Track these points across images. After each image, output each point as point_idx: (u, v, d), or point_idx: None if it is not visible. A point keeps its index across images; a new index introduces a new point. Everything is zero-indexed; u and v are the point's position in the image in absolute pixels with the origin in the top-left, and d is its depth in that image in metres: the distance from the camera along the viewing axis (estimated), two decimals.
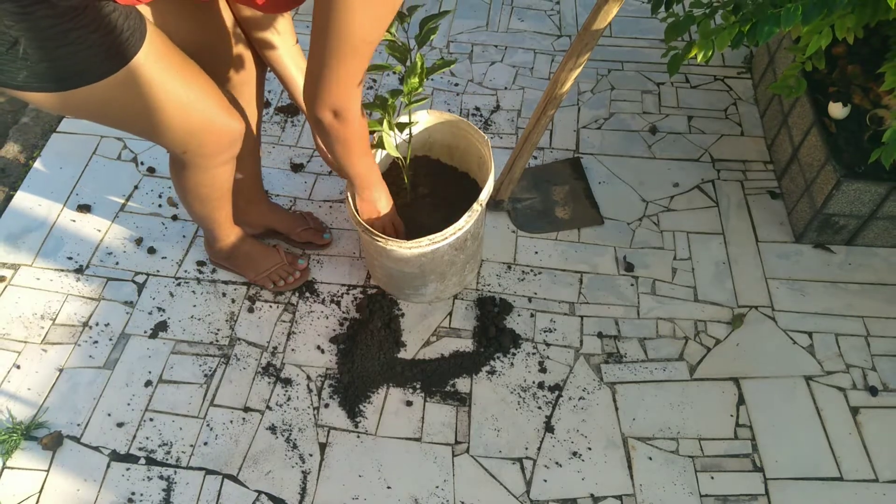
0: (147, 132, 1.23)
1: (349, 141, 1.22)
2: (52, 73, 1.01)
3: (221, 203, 1.49)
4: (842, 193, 1.65)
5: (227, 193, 1.47)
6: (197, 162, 1.32)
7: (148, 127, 1.21)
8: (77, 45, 0.99)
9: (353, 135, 1.21)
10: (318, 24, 1.01)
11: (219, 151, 1.32)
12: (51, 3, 0.95)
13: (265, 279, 1.68)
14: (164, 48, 1.12)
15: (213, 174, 1.37)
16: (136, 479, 1.43)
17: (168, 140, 1.25)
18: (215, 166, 1.35)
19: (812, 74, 1.79)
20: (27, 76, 1.00)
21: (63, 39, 0.98)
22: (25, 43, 0.96)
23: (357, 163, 1.32)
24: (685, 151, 2.01)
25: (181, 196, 1.46)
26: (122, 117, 1.17)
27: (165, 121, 1.18)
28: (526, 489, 1.43)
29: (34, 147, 2.02)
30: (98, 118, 1.16)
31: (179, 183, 1.41)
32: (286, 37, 1.34)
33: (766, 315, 1.67)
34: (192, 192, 1.42)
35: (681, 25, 1.38)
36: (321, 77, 1.07)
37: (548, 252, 1.79)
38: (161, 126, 1.20)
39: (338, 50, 1.02)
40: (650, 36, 2.34)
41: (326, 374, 1.58)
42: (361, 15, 0.97)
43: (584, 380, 1.57)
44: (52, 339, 1.63)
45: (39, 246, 1.79)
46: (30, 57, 0.98)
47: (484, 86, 2.19)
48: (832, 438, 1.49)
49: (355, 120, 1.17)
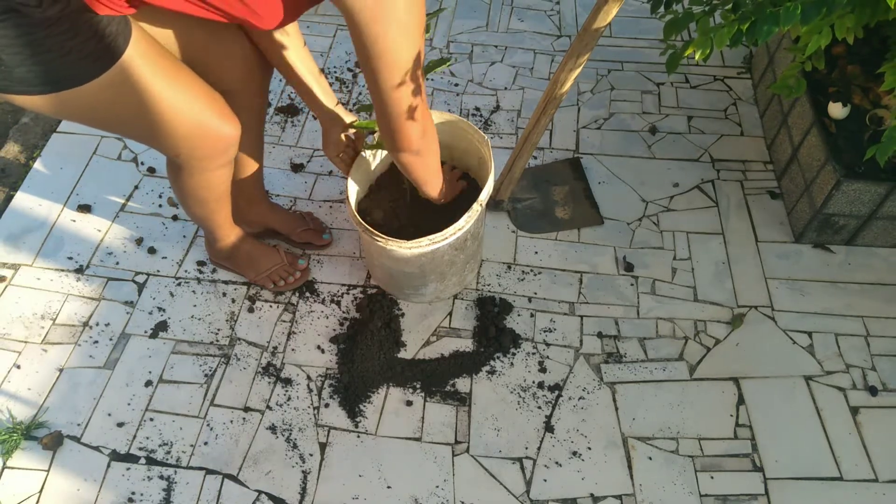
0: (137, 135, 1.23)
1: (436, 150, 1.28)
2: (32, 77, 1.01)
3: (220, 205, 1.49)
4: (841, 193, 1.65)
5: (224, 196, 1.47)
6: (192, 165, 1.32)
7: (137, 131, 1.21)
8: (55, 52, 0.99)
9: (436, 141, 1.26)
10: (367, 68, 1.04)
11: (212, 156, 1.31)
12: (23, 14, 0.94)
13: (265, 279, 1.68)
14: (150, 52, 1.11)
15: (208, 177, 1.37)
16: (137, 478, 1.43)
17: (159, 144, 1.24)
18: (210, 170, 1.35)
19: (812, 74, 1.79)
20: (2, 79, 1.00)
21: (39, 47, 0.97)
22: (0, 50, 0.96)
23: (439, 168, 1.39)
24: (685, 151, 2.01)
25: (179, 198, 1.46)
26: (109, 121, 1.17)
27: (154, 125, 1.17)
28: (526, 489, 1.43)
29: (34, 147, 2.02)
30: (85, 121, 1.16)
31: (176, 185, 1.41)
32: (294, 40, 1.32)
33: (765, 315, 1.68)
34: (189, 194, 1.42)
35: (680, 22, 1.38)
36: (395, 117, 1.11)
37: (548, 252, 1.79)
38: (150, 130, 1.19)
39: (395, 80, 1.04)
40: (650, 36, 2.34)
41: (326, 374, 1.58)
42: (402, 39, 0.99)
43: (584, 380, 1.57)
44: (52, 338, 1.63)
45: (40, 246, 1.79)
46: (4, 63, 0.98)
47: (484, 86, 2.19)
48: (832, 438, 1.49)
49: (433, 127, 1.22)
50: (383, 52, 1.00)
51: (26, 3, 0.94)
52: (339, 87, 2.18)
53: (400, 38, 0.99)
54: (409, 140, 1.17)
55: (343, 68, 2.24)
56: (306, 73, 1.36)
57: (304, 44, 1.35)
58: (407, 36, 0.99)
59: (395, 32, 0.98)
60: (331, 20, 2.39)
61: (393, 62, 1.01)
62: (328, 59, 2.27)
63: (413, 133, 1.15)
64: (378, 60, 1.01)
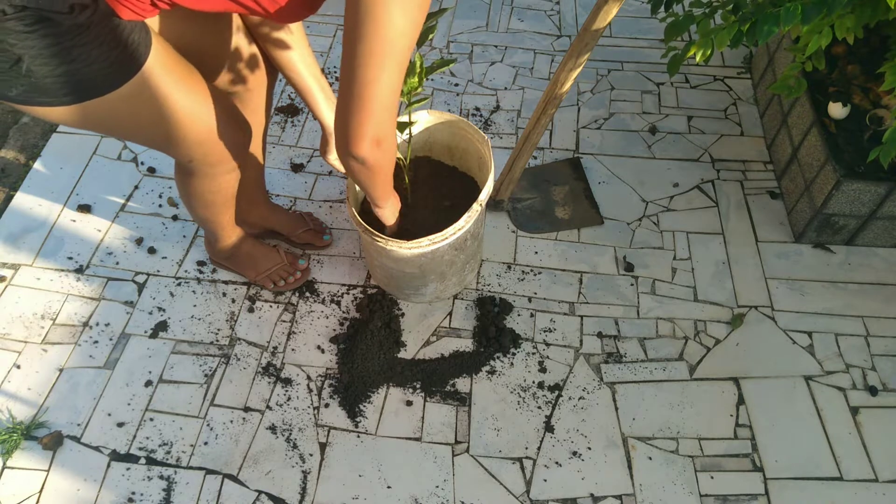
0: (154, 143, 1.24)
1: (387, 169, 1.15)
2: (57, 88, 1.01)
3: (226, 207, 1.49)
4: (841, 193, 1.65)
5: (231, 199, 1.47)
6: (203, 170, 1.33)
7: (155, 138, 1.21)
8: (81, 62, 0.99)
9: (390, 162, 1.14)
10: (352, 35, 0.93)
11: (224, 160, 1.32)
12: (55, 22, 0.94)
13: (266, 279, 1.68)
14: (169, 60, 1.12)
15: (219, 182, 1.38)
16: (137, 478, 1.43)
17: (174, 150, 1.25)
18: (221, 174, 1.36)
19: (812, 74, 1.79)
20: (27, 91, 1.00)
21: (67, 56, 0.97)
22: (29, 61, 0.96)
23: (389, 187, 1.29)
24: (685, 151, 2.01)
25: (186, 202, 1.46)
26: (130, 129, 1.17)
27: (171, 132, 1.18)
28: (526, 489, 1.43)
29: (34, 147, 2.02)
30: (105, 130, 1.16)
31: (185, 190, 1.41)
32: (299, 44, 1.31)
33: (765, 315, 1.68)
34: (198, 198, 1.42)
35: (680, 25, 1.38)
36: (360, 100, 0.98)
37: (548, 252, 1.79)
38: (167, 137, 1.20)
39: (377, 55, 0.93)
40: (650, 36, 2.34)
41: (326, 374, 1.58)
42: (400, 14, 0.91)
43: (583, 380, 1.57)
44: (52, 338, 1.63)
45: (40, 246, 1.79)
46: (33, 74, 0.97)
47: (484, 86, 2.19)
48: (832, 438, 1.49)
49: (394, 146, 1.09)
50: (379, 18, 0.92)
51: (59, 11, 0.93)
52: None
53: (399, 12, 0.92)
54: (359, 137, 1.02)
55: None
56: (308, 74, 1.36)
57: (307, 45, 1.35)
58: (406, 15, 0.93)
59: (396, 6, 0.91)
60: (331, 20, 2.39)
61: (384, 34, 0.93)
62: (328, 59, 2.27)
63: (368, 130, 1.01)
64: (369, 26, 0.92)
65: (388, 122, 1.03)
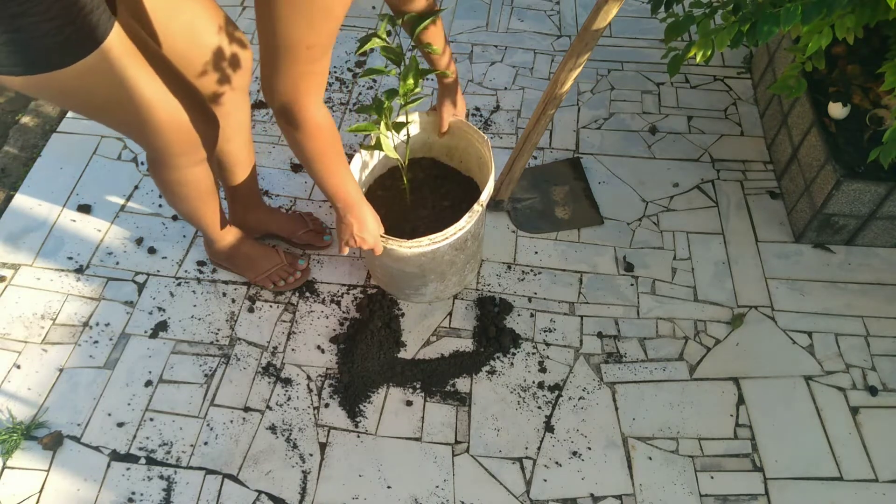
0: (112, 124, 1.22)
1: (307, 150, 1.15)
2: (4, 57, 0.99)
3: (203, 204, 1.47)
4: (841, 193, 1.65)
5: (206, 195, 1.45)
6: (167, 161, 1.31)
7: (112, 120, 1.20)
8: (28, 33, 0.97)
9: (310, 144, 1.13)
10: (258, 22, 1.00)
11: (187, 151, 1.29)
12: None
13: (265, 279, 1.68)
14: (133, 45, 1.10)
15: (185, 174, 1.35)
16: (137, 478, 1.43)
17: (134, 135, 1.24)
18: (186, 166, 1.33)
19: (812, 74, 1.79)
20: None
21: (11, 25, 0.95)
22: None
23: (327, 181, 1.23)
24: (685, 151, 2.01)
25: (162, 193, 1.45)
26: (85, 107, 1.16)
27: (130, 116, 1.17)
28: (526, 489, 1.43)
29: (34, 147, 2.02)
30: (60, 104, 1.15)
31: (156, 180, 1.40)
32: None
33: (765, 315, 1.68)
34: (170, 190, 1.41)
35: (680, 25, 1.39)
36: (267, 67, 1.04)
37: (548, 252, 1.79)
38: (126, 120, 1.19)
39: (277, 49, 1.00)
40: (650, 36, 2.34)
41: (326, 374, 1.58)
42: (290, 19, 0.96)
43: (583, 380, 1.57)
44: (52, 338, 1.63)
45: (40, 246, 1.79)
46: None
47: (484, 86, 2.19)
48: (832, 438, 1.49)
49: (309, 127, 1.10)
50: None
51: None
52: (339, 87, 2.18)
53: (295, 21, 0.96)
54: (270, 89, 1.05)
55: (343, 68, 2.24)
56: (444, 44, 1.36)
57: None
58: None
59: None
60: None
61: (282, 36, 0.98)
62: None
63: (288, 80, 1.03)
64: None
65: (294, 94, 1.05)
